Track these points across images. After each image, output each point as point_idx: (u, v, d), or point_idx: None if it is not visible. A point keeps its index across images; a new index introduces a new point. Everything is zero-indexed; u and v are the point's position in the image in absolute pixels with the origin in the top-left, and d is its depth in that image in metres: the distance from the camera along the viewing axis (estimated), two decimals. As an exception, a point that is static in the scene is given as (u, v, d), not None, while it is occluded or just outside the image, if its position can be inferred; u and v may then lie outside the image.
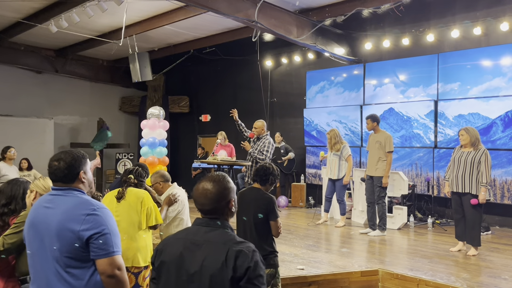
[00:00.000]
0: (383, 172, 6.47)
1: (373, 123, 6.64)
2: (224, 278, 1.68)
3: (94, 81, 12.66)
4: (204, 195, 1.86)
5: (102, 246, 1.99)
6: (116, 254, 2.04)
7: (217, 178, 1.92)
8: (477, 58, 7.32)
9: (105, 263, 2.00)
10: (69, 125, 12.35)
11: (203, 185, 1.89)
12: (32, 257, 2.12)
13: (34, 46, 10.88)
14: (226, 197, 1.88)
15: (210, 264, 1.71)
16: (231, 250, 1.71)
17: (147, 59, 9.30)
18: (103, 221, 2.03)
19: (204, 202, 1.86)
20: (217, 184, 1.88)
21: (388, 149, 6.49)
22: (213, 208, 1.85)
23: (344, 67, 9.14)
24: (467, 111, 7.39)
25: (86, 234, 1.98)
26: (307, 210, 9.03)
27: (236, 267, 1.68)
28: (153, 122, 8.45)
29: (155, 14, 8.38)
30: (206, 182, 1.90)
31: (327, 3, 7.78)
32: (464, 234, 5.43)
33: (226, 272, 1.68)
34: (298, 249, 5.64)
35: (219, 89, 11.90)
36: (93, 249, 1.99)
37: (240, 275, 1.68)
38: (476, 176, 5.24)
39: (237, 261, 1.68)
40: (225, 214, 1.88)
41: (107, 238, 2.01)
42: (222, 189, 1.88)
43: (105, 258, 2.00)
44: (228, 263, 1.69)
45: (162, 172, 4.57)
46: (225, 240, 1.77)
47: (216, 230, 1.82)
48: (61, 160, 2.14)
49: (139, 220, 3.71)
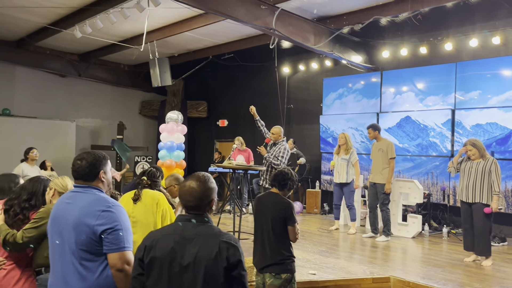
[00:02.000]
0: (385, 179, 6.69)
1: (374, 132, 6.90)
2: (218, 267, 1.87)
3: (116, 85, 12.96)
4: (190, 193, 2.02)
5: (114, 241, 2.13)
6: (126, 250, 2.17)
7: (203, 178, 2.08)
8: (496, 67, 7.27)
9: (115, 257, 2.13)
10: (90, 127, 12.66)
11: (189, 184, 2.05)
12: (52, 249, 2.27)
13: (58, 50, 11.23)
14: (209, 197, 2.04)
15: (205, 255, 1.87)
16: (221, 242, 1.90)
17: (167, 65, 9.51)
18: (116, 217, 2.17)
19: (189, 199, 2.01)
20: (202, 184, 2.04)
21: (390, 155, 6.72)
22: (197, 205, 2.01)
23: (361, 74, 9.17)
24: (485, 120, 7.33)
25: (100, 228, 2.12)
26: (322, 216, 9.05)
27: (229, 257, 1.88)
28: (172, 126, 8.61)
29: (176, 21, 8.58)
30: (192, 181, 2.06)
31: (345, 11, 7.84)
32: (472, 245, 5.42)
33: (221, 262, 1.87)
34: (310, 254, 5.68)
35: (237, 94, 12.04)
36: (106, 243, 2.13)
37: (233, 265, 1.88)
38: (487, 185, 5.27)
39: (229, 252, 1.88)
40: (206, 211, 2.04)
41: (119, 233, 2.15)
42: (206, 189, 2.04)
43: (116, 252, 2.13)
44: (222, 254, 1.87)
45: (177, 175, 4.69)
46: (214, 233, 1.94)
47: (202, 225, 1.98)
48: (83, 159, 2.29)
49: (155, 221, 3.81)
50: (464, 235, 5.60)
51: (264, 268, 3.42)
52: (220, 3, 6.22)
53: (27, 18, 8.68)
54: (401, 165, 8.37)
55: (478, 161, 5.38)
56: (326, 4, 7.50)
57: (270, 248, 3.42)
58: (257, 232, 3.59)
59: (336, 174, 7.40)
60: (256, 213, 3.66)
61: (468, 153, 5.46)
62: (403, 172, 8.30)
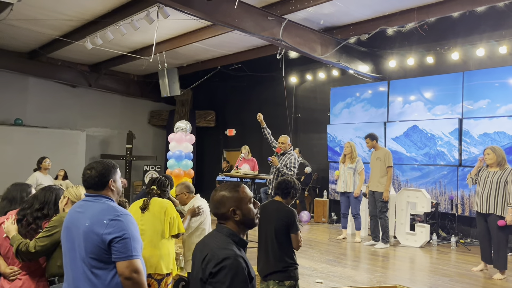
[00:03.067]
0: (383, 187, 6.81)
1: (372, 141, 7.08)
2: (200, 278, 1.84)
3: (125, 95, 13.14)
4: (212, 199, 2.02)
5: (122, 250, 2.17)
6: (134, 258, 2.19)
7: (225, 186, 2.02)
8: (503, 76, 7.28)
9: (124, 266, 2.17)
10: (100, 137, 12.83)
11: (215, 190, 2.06)
12: (65, 257, 2.32)
13: (70, 61, 11.44)
14: (225, 205, 1.95)
15: (196, 264, 1.91)
16: (209, 254, 1.84)
17: (175, 75, 9.63)
18: (124, 226, 2.21)
19: (210, 206, 2.04)
20: (222, 191, 2.00)
21: (388, 164, 6.87)
22: (215, 213, 2.00)
23: (368, 84, 9.22)
24: (492, 129, 7.33)
25: (109, 237, 2.16)
26: (330, 225, 9.05)
27: (206, 270, 1.82)
28: (180, 136, 8.70)
29: (184, 32, 8.72)
30: (219, 187, 2.06)
31: (352, 22, 7.92)
32: (490, 256, 5.26)
33: (199, 272, 1.85)
34: (317, 263, 5.70)
35: (245, 104, 12.13)
36: (114, 251, 2.17)
37: (206, 278, 1.81)
38: (503, 196, 5.08)
39: (208, 265, 1.81)
40: (228, 220, 1.96)
41: (127, 242, 2.18)
42: (222, 196, 1.97)
43: (124, 261, 2.17)
44: (202, 265, 1.84)
45: (187, 184, 4.76)
46: (214, 244, 1.89)
47: (218, 235, 1.96)
48: (93, 169, 2.35)
49: (162, 229, 3.88)
50: (481, 247, 5.44)
51: (268, 276, 3.45)
52: (228, 15, 6.33)
53: (40, 30, 8.89)
54: (409, 174, 8.37)
55: (495, 171, 5.20)
56: (333, 15, 7.58)
57: (273, 256, 3.46)
58: (260, 240, 3.64)
59: (340, 184, 7.44)
60: (260, 221, 3.71)
61: (485, 157, 5.27)
62: (410, 181, 8.29)
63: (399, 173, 8.50)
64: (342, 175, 7.43)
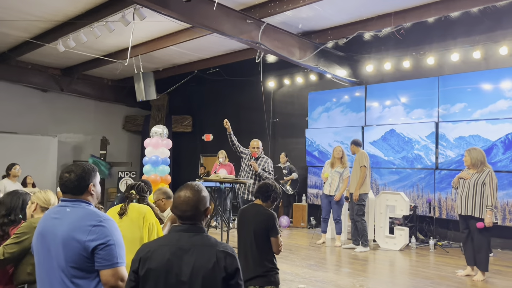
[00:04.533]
0: (360, 189, 6.87)
1: (355, 147, 7.23)
2: (217, 277, 1.83)
3: (99, 100, 12.81)
4: (186, 202, 1.98)
5: (107, 257, 2.03)
6: (120, 266, 2.07)
7: (196, 187, 2.06)
8: (477, 81, 7.43)
9: (109, 274, 2.03)
10: (73, 143, 12.44)
11: (184, 193, 2.01)
12: (39, 266, 2.16)
13: (40, 65, 11.07)
14: (205, 204, 2.02)
15: (202, 265, 1.83)
16: (219, 252, 1.86)
17: (151, 79, 9.44)
18: (108, 232, 2.08)
19: (186, 208, 1.97)
20: (196, 192, 2.02)
21: (361, 163, 6.93)
22: (193, 214, 1.98)
23: (346, 88, 9.27)
24: (468, 133, 7.45)
25: (92, 244, 2.02)
26: (309, 230, 9.00)
27: (227, 267, 1.84)
28: (156, 141, 8.52)
29: (161, 35, 8.56)
30: (186, 190, 2.03)
31: (330, 26, 7.94)
32: (473, 258, 5.25)
33: (219, 272, 1.83)
34: (299, 268, 5.62)
35: (222, 109, 12.00)
36: (98, 259, 2.03)
37: (230, 275, 1.85)
38: (481, 198, 5.10)
39: (227, 261, 1.85)
40: (202, 220, 2.01)
41: (111, 249, 2.05)
42: (201, 196, 2.02)
43: (109, 269, 2.04)
44: (219, 264, 1.84)
45: (165, 189, 4.60)
46: (211, 243, 1.91)
47: (198, 235, 1.95)
48: (72, 172, 2.19)
49: (141, 236, 3.71)
50: (464, 249, 5.43)
51: (248, 281, 3.33)
52: (206, 17, 6.23)
53: (8, 32, 8.55)
54: (387, 177, 8.43)
55: (473, 173, 5.21)
56: (311, 19, 7.59)
57: (253, 260, 3.35)
58: (240, 244, 3.53)
59: (327, 186, 7.39)
60: (239, 225, 3.61)
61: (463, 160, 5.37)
62: (388, 185, 8.34)
63: (377, 177, 8.54)
64: (330, 177, 7.39)
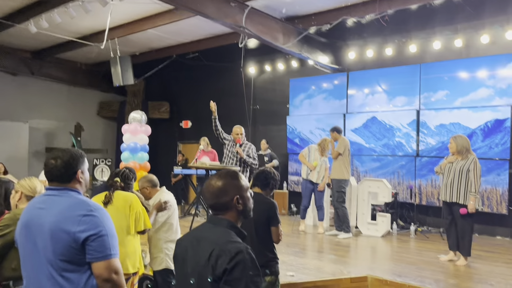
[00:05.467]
0: (338, 175, 6.95)
1: (333, 133, 7.23)
2: (205, 277, 1.67)
3: (72, 85, 12.35)
4: (207, 189, 1.85)
5: (99, 249, 1.90)
6: (113, 257, 1.94)
7: (224, 173, 1.89)
8: (458, 69, 7.51)
9: (102, 267, 1.90)
10: (45, 129, 11.97)
11: (210, 180, 1.88)
12: (24, 260, 2.00)
13: (9, 47, 10.54)
14: (228, 193, 1.82)
15: (198, 261, 1.72)
16: (216, 249, 1.68)
17: (129, 63, 9.13)
18: (100, 222, 1.94)
19: (207, 196, 1.86)
20: (222, 179, 1.85)
21: (338, 149, 7.00)
22: (215, 203, 1.83)
23: (328, 75, 9.22)
24: (448, 120, 7.54)
25: (82, 235, 1.88)
26: (290, 217, 8.99)
27: (216, 267, 1.65)
28: (135, 127, 8.25)
29: (139, 17, 8.26)
30: (214, 176, 1.89)
31: (313, 12, 7.84)
32: (456, 244, 5.34)
33: (208, 270, 1.67)
34: (285, 255, 5.58)
35: (201, 95, 11.76)
36: (90, 251, 1.89)
37: (218, 275, 1.64)
38: (465, 185, 5.17)
39: (218, 261, 1.65)
40: (229, 211, 1.83)
41: (104, 240, 1.91)
42: (224, 184, 1.83)
43: (102, 261, 1.90)
44: (210, 262, 1.67)
45: (150, 177, 4.44)
46: (217, 238, 1.73)
47: (217, 228, 1.80)
48: (58, 158, 2.02)
49: (128, 225, 3.59)
50: (447, 235, 5.51)
51: None
52: (189, -1, 6.02)
53: (-25, 11, 8.08)
54: (368, 165, 8.48)
55: (458, 160, 5.28)
56: (295, 3, 7.46)
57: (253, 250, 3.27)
58: None
59: (315, 174, 7.32)
60: None
61: (449, 146, 5.41)
62: (369, 172, 8.40)
63: (359, 164, 8.58)
64: (319, 165, 7.33)
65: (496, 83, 7.14)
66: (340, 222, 7.00)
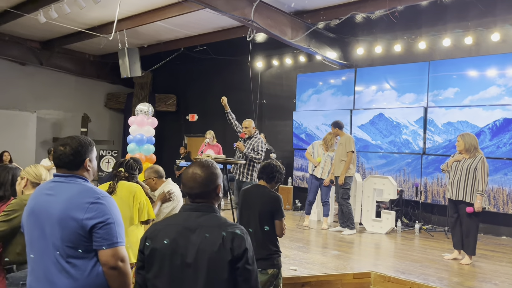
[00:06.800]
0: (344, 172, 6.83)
1: (335, 128, 7.09)
2: (222, 260, 1.72)
3: (80, 76, 12.40)
4: (193, 179, 1.88)
5: (106, 236, 1.92)
6: (119, 245, 1.96)
7: (206, 164, 1.94)
8: (468, 67, 7.43)
9: (108, 254, 1.92)
10: (52, 119, 12.05)
11: (192, 170, 1.91)
12: (31, 246, 2.02)
13: (19, 37, 10.60)
14: (215, 182, 1.90)
15: (207, 247, 1.73)
16: (227, 233, 1.75)
17: (137, 55, 9.13)
18: (107, 210, 1.96)
19: (193, 185, 1.87)
20: (206, 169, 1.90)
21: (348, 149, 6.84)
22: (201, 192, 1.87)
23: (335, 71, 9.17)
24: (456, 119, 7.48)
25: (90, 223, 1.90)
26: (294, 212, 8.99)
27: (234, 249, 1.73)
28: (142, 119, 8.27)
29: (148, 9, 8.25)
30: (195, 166, 1.92)
31: (322, 6, 7.79)
32: (460, 242, 5.30)
33: (224, 254, 1.72)
34: (288, 250, 5.58)
35: (208, 89, 11.79)
36: (96, 239, 1.92)
37: (238, 257, 1.73)
38: (472, 183, 5.12)
39: (234, 243, 1.74)
40: (212, 198, 1.91)
41: (111, 227, 1.94)
42: (210, 173, 1.90)
43: (108, 248, 1.92)
44: (225, 245, 1.73)
45: (156, 168, 4.46)
46: (219, 224, 1.80)
47: (206, 215, 1.84)
48: (67, 145, 2.04)
49: (131, 215, 3.60)
50: (452, 233, 5.48)
51: None
52: (198, -9, 6.01)
53: (-14, 0, 8.12)
54: (374, 161, 8.44)
55: (466, 158, 5.22)
56: (304, -2, 7.42)
57: (256, 243, 3.28)
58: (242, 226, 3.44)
59: (319, 169, 7.32)
60: (242, 206, 3.52)
61: (456, 144, 5.35)
62: (375, 169, 8.36)
63: (364, 161, 8.55)
64: (323, 161, 7.33)
65: (507, 81, 7.05)
66: (344, 218, 6.99)
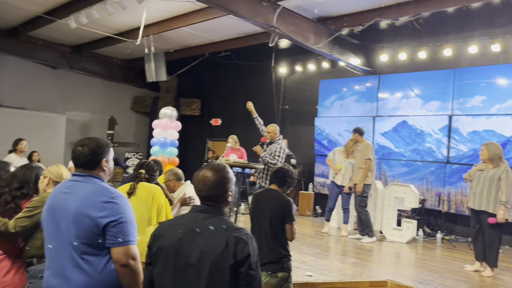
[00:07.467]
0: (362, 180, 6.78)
1: (355, 134, 7.10)
2: (224, 264, 1.73)
3: (108, 79, 12.74)
4: (203, 181, 1.90)
5: (118, 234, 1.99)
6: (131, 244, 2.03)
7: (218, 167, 1.96)
8: (494, 75, 7.26)
9: (120, 252, 1.99)
10: (80, 121, 12.41)
11: (203, 172, 1.93)
12: (48, 241, 2.11)
13: (50, 41, 10.98)
14: (224, 186, 1.91)
15: (211, 250, 1.75)
16: (231, 237, 1.76)
17: (162, 60, 9.35)
18: (120, 209, 2.03)
19: (202, 188, 1.90)
20: (217, 172, 1.92)
21: (366, 156, 6.79)
22: (211, 195, 1.89)
23: (359, 77, 9.12)
24: (482, 127, 7.32)
25: (103, 221, 1.98)
26: (314, 219, 8.96)
27: (237, 253, 1.73)
28: (165, 122, 8.45)
29: (174, 15, 8.43)
30: (206, 169, 1.94)
31: (346, 13, 7.79)
32: (482, 254, 5.17)
33: (227, 257, 1.73)
34: (305, 256, 5.58)
35: (232, 94, 11.90)
36: (109, 237, 1.99)
37: (240, 261, 1.73)
38: (495, 194, 4.99)
39: (237, 247, 1.74)
40: (221, 202, 1.91)
41: (123, 226, 2.01)
42: (221, 177, 1.91)
43: (120, 246, 1.99)
44: (228, 249, 1.73)
45: (176, 170, 4.55)
46: (224, 227, 1.81)
47: (214, 217, 1.85)
48: (85, 146, 2.14)
49: (150, 216, 3.68)
50: (474, 244, 5.36)
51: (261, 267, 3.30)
52: (222, -3, 6.11)
53: (20, 5, 8.45)
54: (396, 169, 8.33)
55: (489, 168, 5.11)
56: (328, 4, 7.43)
57: (267, 246, 3.33)
58: (253, 229, 3.49)
59: (340, 177, 7.30)
60: (254, 209, 3.56)
61: (480, 153, 5.24)
62: (397, 177, 8.25)
63: (386, 168, 8.45)
64: (344, 168, 7.30)
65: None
66: (363, 226, 6.92)
